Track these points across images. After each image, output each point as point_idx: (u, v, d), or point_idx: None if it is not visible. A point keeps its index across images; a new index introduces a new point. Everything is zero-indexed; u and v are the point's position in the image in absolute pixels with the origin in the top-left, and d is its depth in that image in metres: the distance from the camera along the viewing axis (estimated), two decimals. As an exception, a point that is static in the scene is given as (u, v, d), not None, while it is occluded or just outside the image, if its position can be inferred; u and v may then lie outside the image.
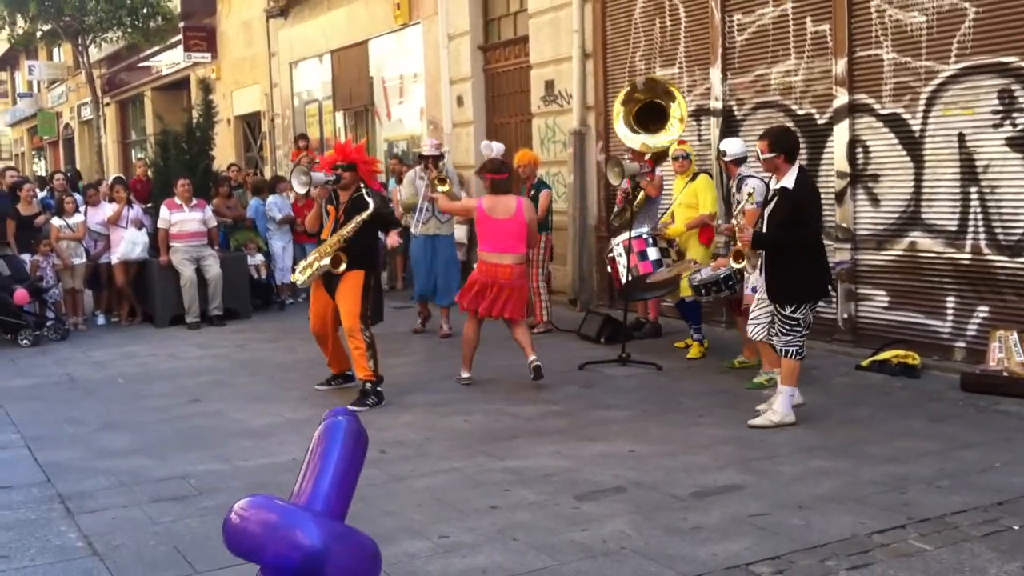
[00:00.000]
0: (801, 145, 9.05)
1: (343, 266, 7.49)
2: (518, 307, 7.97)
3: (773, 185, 6.70)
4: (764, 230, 6.60)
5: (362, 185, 7.70)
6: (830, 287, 6.90)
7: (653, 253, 8.57)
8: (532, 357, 7.83)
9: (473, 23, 13.89)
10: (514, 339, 8.07)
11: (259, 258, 12.82)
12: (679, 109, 8.84)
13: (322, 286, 7.77)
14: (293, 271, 13.51)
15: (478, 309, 7.92)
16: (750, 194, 7.02)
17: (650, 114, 9.02)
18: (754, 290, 7.40)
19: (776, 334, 6.60)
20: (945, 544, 4.44)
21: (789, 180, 6.47)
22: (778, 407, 6.51)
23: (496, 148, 9.86)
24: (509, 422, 6.93)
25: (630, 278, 8.55)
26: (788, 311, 6.49)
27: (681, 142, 9.03)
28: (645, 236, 8.61)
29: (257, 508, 2.52)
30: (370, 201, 7.51)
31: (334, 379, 8.20)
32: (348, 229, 7.51)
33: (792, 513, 4.91)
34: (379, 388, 7.56)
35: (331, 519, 2.62)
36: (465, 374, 8.11)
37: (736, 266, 7.04)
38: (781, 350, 6.56)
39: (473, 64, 13.94)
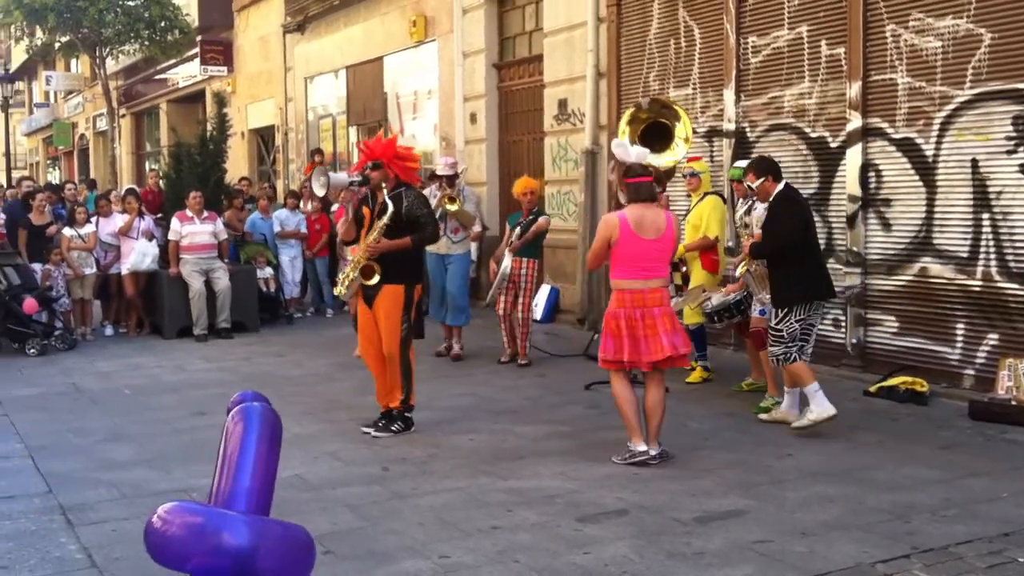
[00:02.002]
0: (813, 168, 9.14)
1: (376, 278, 7.00)
2: (680, 341, 6.26)
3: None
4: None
5: (401, 185, 7.12)
6: (818, 297, 6.97)
7: None
8: (656, 449, 6.28)
9: (488, 41, 13.93)
10: (644, 405, 6.32)
11: (268, 271, 12.84)
12: (684, 129, 8.63)
13: (364, 302, 7.19)
14: (304, 286, 13.64)
15: (625, 361, 6.26)
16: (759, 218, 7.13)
17: (655, 134, 8.87)
18: (762, 312, 7.40)
19: (768, 345, 7.01)
20: (949, 575, 4.38)
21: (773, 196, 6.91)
22: (813, 406, 6.72)
23: (636, 153, 7.06)
24: (514, 442, 6.89)
25: None
26: (774, 322, 6.85)
27: (691, 159, 8.88)
28: None
29: (179, 512, 2.44)
30: (389, 204, 6.88)
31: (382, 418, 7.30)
32: (372, 236, 6.97)
33: (796, 540, 4.86)
34: (408, 415, 7.17)
35: (256, 515, 2.54)
36: (641, 446, 6.24)
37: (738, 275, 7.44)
38: (771, 359, 7.01)
39: (487, 82, 13.97)
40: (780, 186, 6.95)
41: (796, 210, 6.91)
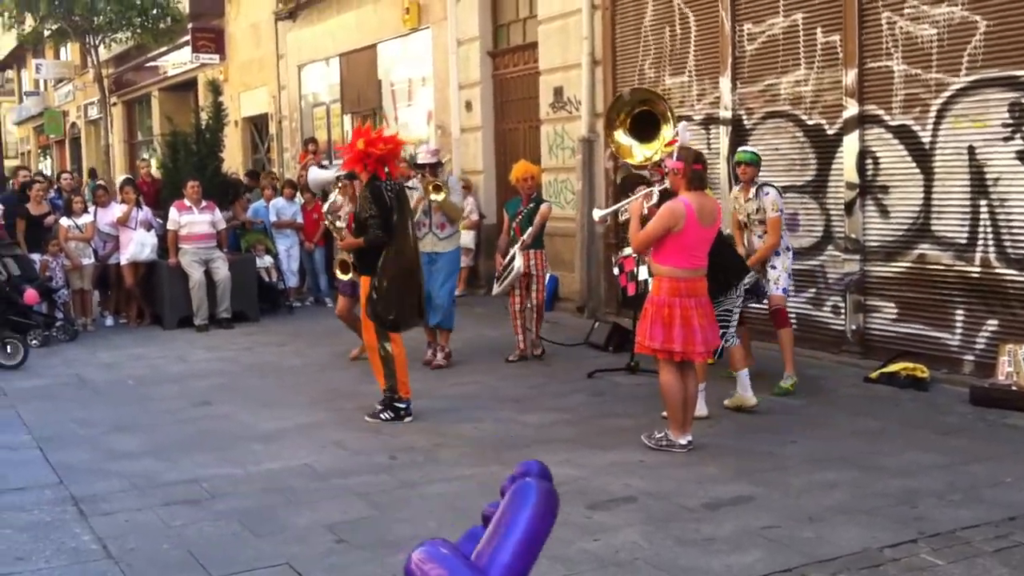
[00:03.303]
0: (811, 155, 9.20)
1: (350, 273, 7.30)
2: (714, 332, 6.30)
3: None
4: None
5: (369, 182, 7.15)
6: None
7: (644, 272, 8.43)
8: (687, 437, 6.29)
9: (482, 28, 13.94)
10: (687, 393, 6.31)
11: (268, 260, 12.84)
12: (668, 116, 8.43)
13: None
14: (301, 276, 13.66)
15: (677, 351, 6.11)
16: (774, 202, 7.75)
17: (644, 124, 8.71)
18: (784, 291, 7.90)
19: None
20: (957, 559, 4.46)
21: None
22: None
23: (686, 136, 7.31)
24: (519, 430, 6.95)
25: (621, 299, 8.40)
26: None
27: (671, 142, 8.67)
28: (635, 255, 8.29)
29: (432, 561, 2.40)
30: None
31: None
32: (340, 234, 7.34)
33: (803, 526, 4.93)
34: (398, 405, 7.23)
35: None
36: (682, 439, 6.25)
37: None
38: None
39: (482, 69, 13.98)
40: None
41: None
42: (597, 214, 7.76)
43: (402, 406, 7.27)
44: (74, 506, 5.57)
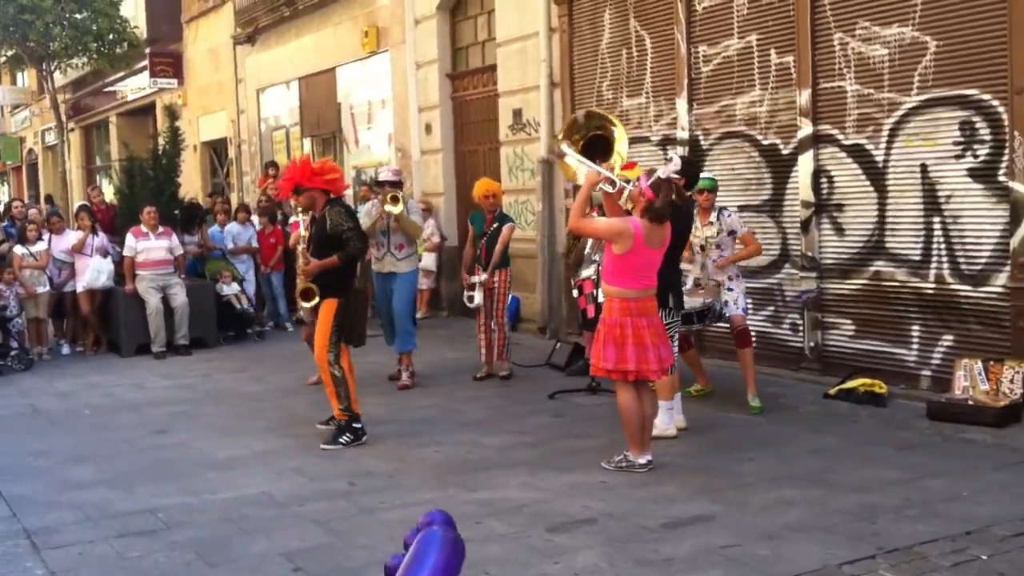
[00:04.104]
0: (766, 175, 9.28)
1: (315, 300, 7.27)
2: (667, 351, 6.35)
3: None
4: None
5: (329, 203, 7.31)
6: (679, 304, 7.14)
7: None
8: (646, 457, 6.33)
9: (441, 51, 13.96)
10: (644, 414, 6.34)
11: (235, 287, 12.66)
12: (620, 141, 8.42)
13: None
14: (259, 301, 13.55)
15: (631, 371, 6.15)
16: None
17: (595, 148, 8.70)
18: (744, 310, 7.93)
19: None
20: (915, 574, 4.47)
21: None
22: (658, 420, 6.86)
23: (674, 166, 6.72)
24: (480, 453, 6.91)
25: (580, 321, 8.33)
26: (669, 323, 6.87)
27: (625, 166, 8.67)
28: (593, 277, 8.29)
29: None
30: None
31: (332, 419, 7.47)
32: (300, 260, 7.42)
33: (761, 544, 4.93)
34: (356, 425, 7.24)
35: None
36: (641, 459, 6.28)
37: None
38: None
39: (441, 92, 14.00)
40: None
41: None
42: (565, 150, 6.93)
43: (358, 426, 7.25)
44: (26, 539, 5.47)
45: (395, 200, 8.80)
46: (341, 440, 7.18)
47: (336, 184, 7.47)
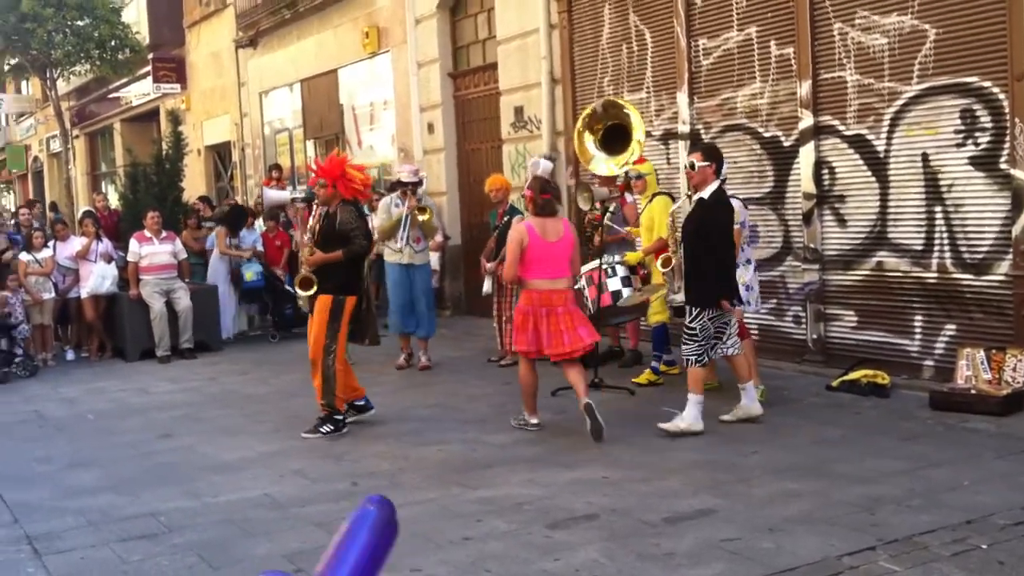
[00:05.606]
0: (768, 167, 9.25)
1: (313, 289, 7.45)
2: (584, 332, 7.11)
3: (694, 196, 7.14)
4: (680, 238, 7.20)
5: (343, 201, 7.58)
6: (735, 299, 7.07)
7: (613, 283, 8.45)
8: (584, 399, 7.00)
9: (442, 50, 13.95)
10: (566, 377, 7.27)
11: (256, 265, 12.71)
12: (638, 130, 8.69)
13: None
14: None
15: (534, 351, 7.13)
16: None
17: (614, 137, 8.91)
18: (746, 303, 7.72)
19: (681, 344, 7.09)
20: (915, 565, 4.45)
21: (707, 192, 6.95)
22: (686, 415, 6.89)
23: (544, 166, 9.52)
24: (483, 451, 6.91)
25: (592, 311, 8.36)
26: (688, 319, 6.96)
27: (637, 161, 8.84)
28: (605, 267, 8.41)
29: None
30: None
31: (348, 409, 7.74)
32: (305, 251, 7.58)
33: (763, 536, 4.91)
34: (337, 417, 7.47)
35: None
36: (534, 420, 7.31)
37: (663, 270, 7.57)
38: (684, 359, 7.06)
39: (443, 91, 13.99)
40: (715, 184, 6.99)
41: (727, 220, 7.01)
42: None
43: (339, 418, 7.49)
44: (28, 545, 5.47)
45: (423, 211, 9.59)
46: (322, 430, 7.41)
47: (360, 195, 7.90)
